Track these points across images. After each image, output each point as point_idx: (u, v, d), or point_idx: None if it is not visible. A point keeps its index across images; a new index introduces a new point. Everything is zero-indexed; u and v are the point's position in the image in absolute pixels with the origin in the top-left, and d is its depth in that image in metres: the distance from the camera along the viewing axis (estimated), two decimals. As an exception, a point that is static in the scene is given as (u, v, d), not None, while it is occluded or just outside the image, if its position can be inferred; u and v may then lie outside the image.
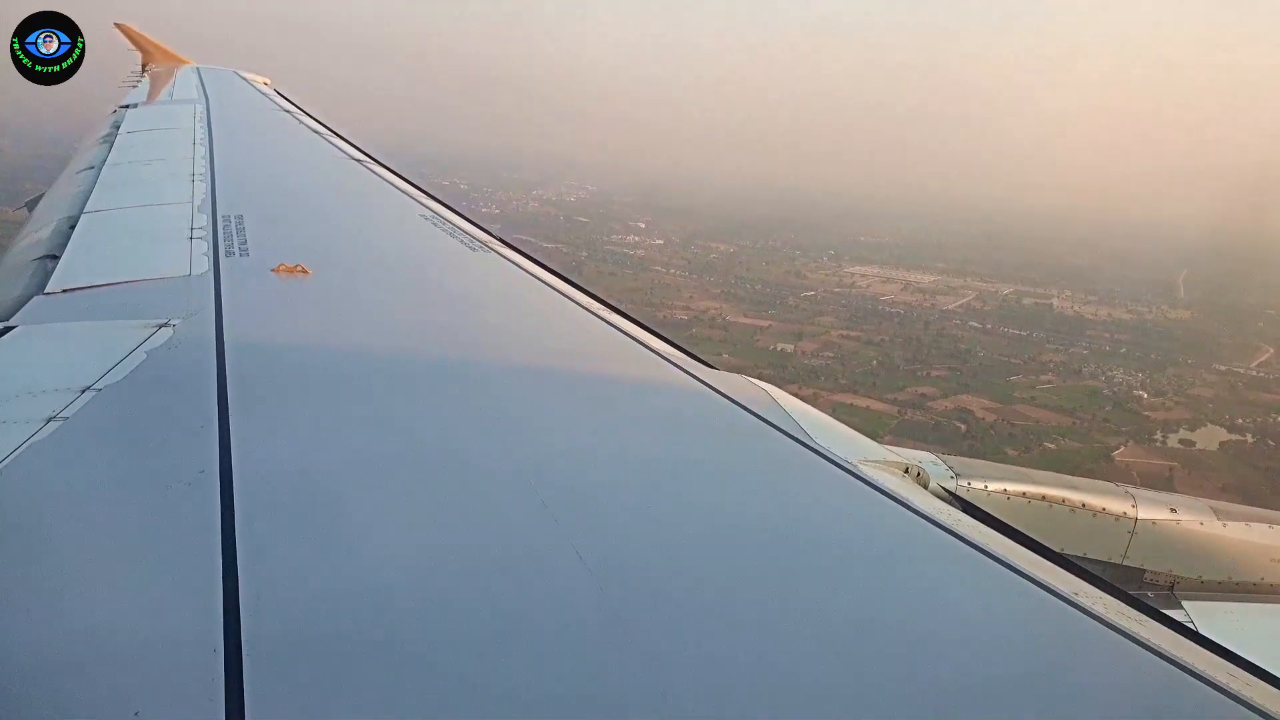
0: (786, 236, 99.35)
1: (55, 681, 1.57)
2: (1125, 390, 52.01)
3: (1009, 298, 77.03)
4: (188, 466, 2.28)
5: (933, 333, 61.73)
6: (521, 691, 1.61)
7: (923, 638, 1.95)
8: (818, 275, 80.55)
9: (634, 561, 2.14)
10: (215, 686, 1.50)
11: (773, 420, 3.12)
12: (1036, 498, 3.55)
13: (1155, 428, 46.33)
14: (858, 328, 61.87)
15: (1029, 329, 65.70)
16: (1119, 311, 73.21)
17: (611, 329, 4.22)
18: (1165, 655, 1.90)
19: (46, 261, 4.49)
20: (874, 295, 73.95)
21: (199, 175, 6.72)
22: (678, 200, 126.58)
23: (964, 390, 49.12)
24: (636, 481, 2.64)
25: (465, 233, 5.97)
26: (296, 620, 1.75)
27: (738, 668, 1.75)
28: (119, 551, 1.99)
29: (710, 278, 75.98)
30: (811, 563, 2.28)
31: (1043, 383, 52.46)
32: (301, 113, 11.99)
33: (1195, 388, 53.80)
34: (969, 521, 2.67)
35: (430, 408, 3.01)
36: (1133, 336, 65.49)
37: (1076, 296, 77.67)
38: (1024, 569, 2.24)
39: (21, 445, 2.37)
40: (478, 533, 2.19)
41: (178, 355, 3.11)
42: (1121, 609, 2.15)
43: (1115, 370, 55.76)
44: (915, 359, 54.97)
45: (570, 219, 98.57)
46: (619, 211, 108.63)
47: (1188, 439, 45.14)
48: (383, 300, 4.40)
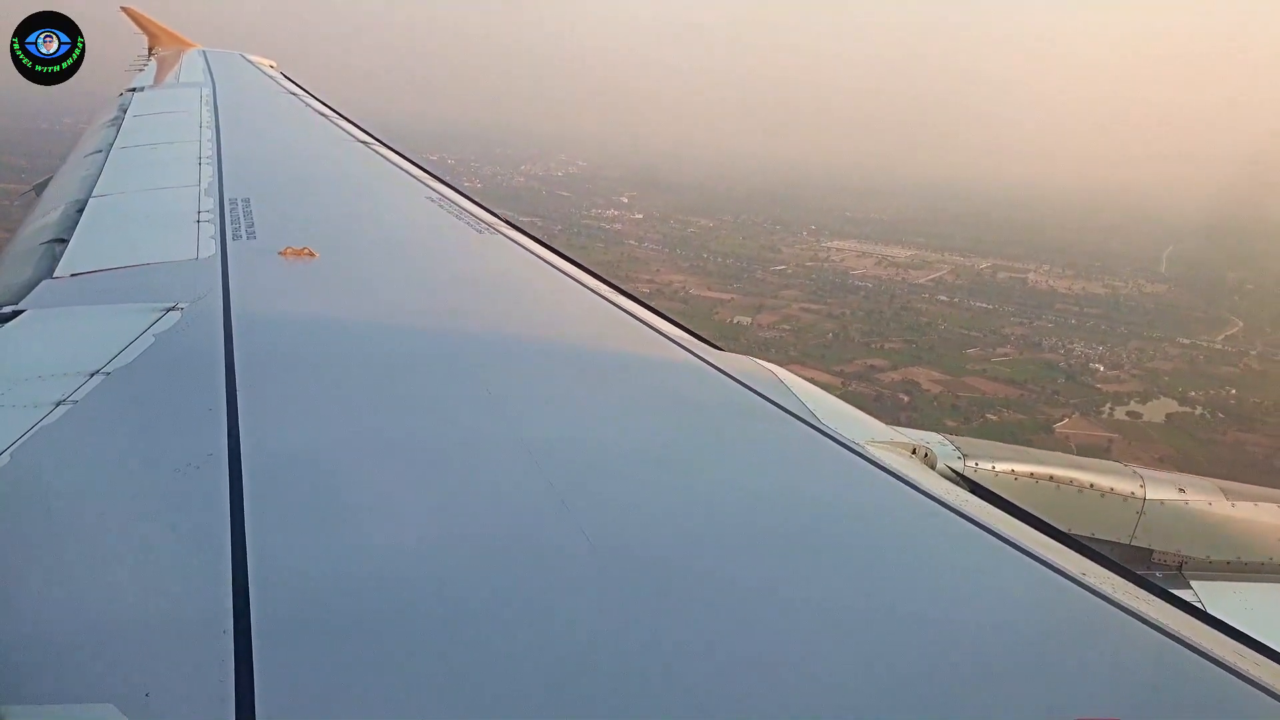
0: (772, 212, 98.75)
1: (66, 663, 1.58)
2: (1082, 363, 51.62)
3: (984, 272, 76.43)
4: (196, 449, 2.30)
5: (896, 306, 61.35)
6: (529, 674, 1.62)
7: (931, 618, 1.95)
8: (793, 250, 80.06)
9: (643, 545, 2.14)
10: (225, 667, 1.53)
11: (780, 402, 3.12)
12: (1044, 478, 3.56)
13: (1105, 400, 46.01)
14: (821, 301, 61.52)
15: (997, 302, 65.24)
16: (1095, 286, 72.56)
17: (619, 311, 4.22)
18: (1173, 635, 1.90)
19: (55, 245, 4.54)
20: (845, 270, 73.50)
21: (206, 159, 6.79)
22: (671, 176, 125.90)
23: (916, 362, 48.84)
24: (644, 464, 2.65)
25: (472, 215, 5.98)
26: (305, 602, 1.76)
27: (747, 649, 1.75)
28: (128, 534, 2.01)
29: (682, 251, 75.70)
30: (820, 544, 2.28)
31: (999, 355, 52.10)
32: (308, 95, 12.07)
33: (1154, 360, 53.36)
34: (977, 502, 2.69)
35: (437, 390, 3.02)
36: (1103, 310, 64.92)
37: (1054, 271, 76.99)
38: (1032, 549, 2.25)
39: (31, 429, 2.40)
40: (485, 515, 2.20)
41: (186, 338, 3.15)
42: (1129, 589, 2.15)
43: (1076, 343, 55.35)
44: (873, 332, 54.67)
45: (553, 193, 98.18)
46: (606, 187, 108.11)
47: (1135, 411, 44.84)
48: (389, 283, 4.43)
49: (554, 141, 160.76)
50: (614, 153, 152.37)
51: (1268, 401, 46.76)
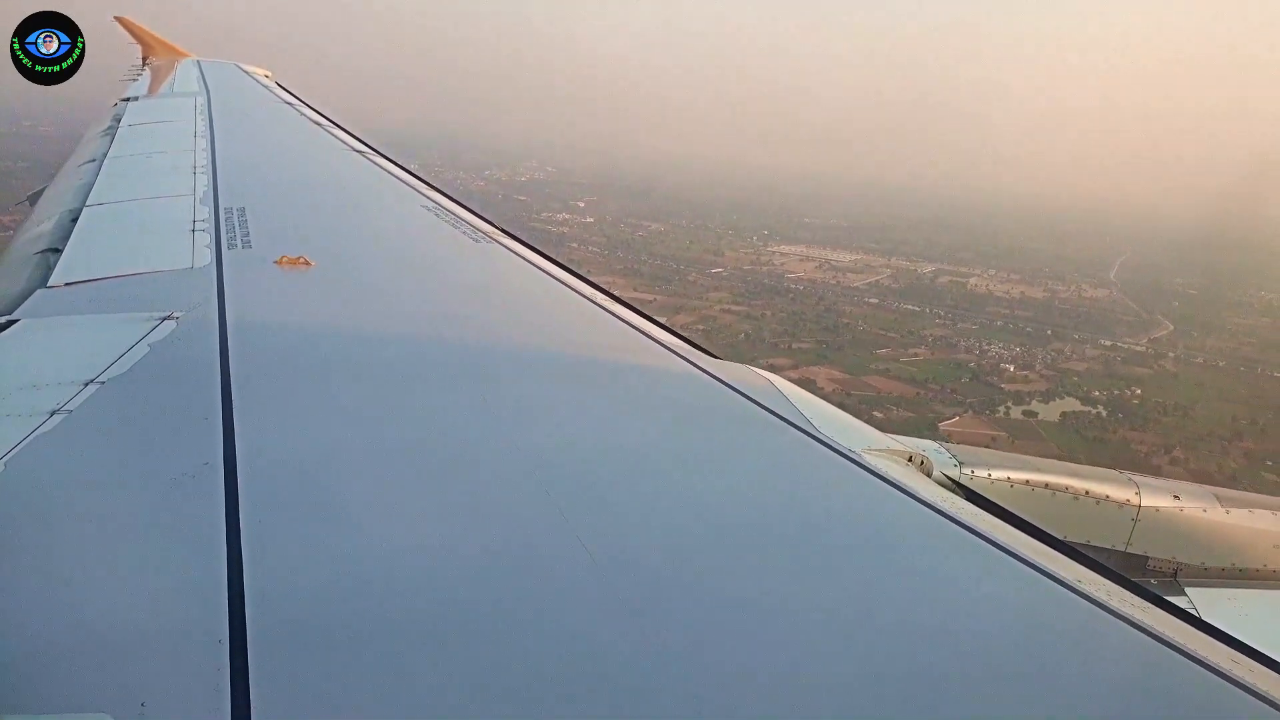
0: (728, 218, 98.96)
1: (62, 672, 1.57)
2: (993, 364, 51.50)
3: (924, 276, 76.44)
4: (192, 458, 2.29)
5: (821, 308, 61.29)
6: (525, 682, 1.62)
7: (927, 626, 1.96)
8: (737, 254, 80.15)
9: (639, 552, 2.14)
10: (220, 677, 1.52)
11: (776, 410, 3.12)
12: (1040, 485, 3.59)
13: (1005, 399, 45.88)
14: (746, 303, 61.49)
15: (927, 305, 65.14)
16: (1035, 290, 72.51)
17: (614, 319, 4.22)
18: (1168, 641, 1.91)
19: (49, 255, 4.51)
20: (783, 273, 73.49)
21: (200, 168, 6.75)
22: (642, 183, 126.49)
23: (820, 362, 48.72)
24: (641, 471, 2.65)
25: (467, 224, 5.98)
26: (301, 611, 1.75)
27: (744, 656, 1.75)
28: (124, 543, 2.00)
29: (623, 254, 75.79)
30: (817, 552, 2.28)
31: (909, 355, 52.00)
32: (303, 105, 12.06)
33: (1070, 361, 53.28)
34: (972, 509, 2.69)
35: (433, 398, 3.01)
36: (1035, 314, 64.85)
37: (999, 276, 77.01)
38: (1028, 556, 2.26)
39: (26, 438, 2.38)
40: (481, 523, 2.20)
41: (181, 347, 3.12)
42: (1124, 596, 2.16)
43: (994, 345, 55.22)
44: (786, 332, 54.64)
45: (510, 197, 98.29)
46: (568, 192, 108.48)
47: (1031, 410, 44.69)
48: (385, 291, 4.41)
49: (526, 148, 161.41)
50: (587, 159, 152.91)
51: (1169, 401, 46.62)
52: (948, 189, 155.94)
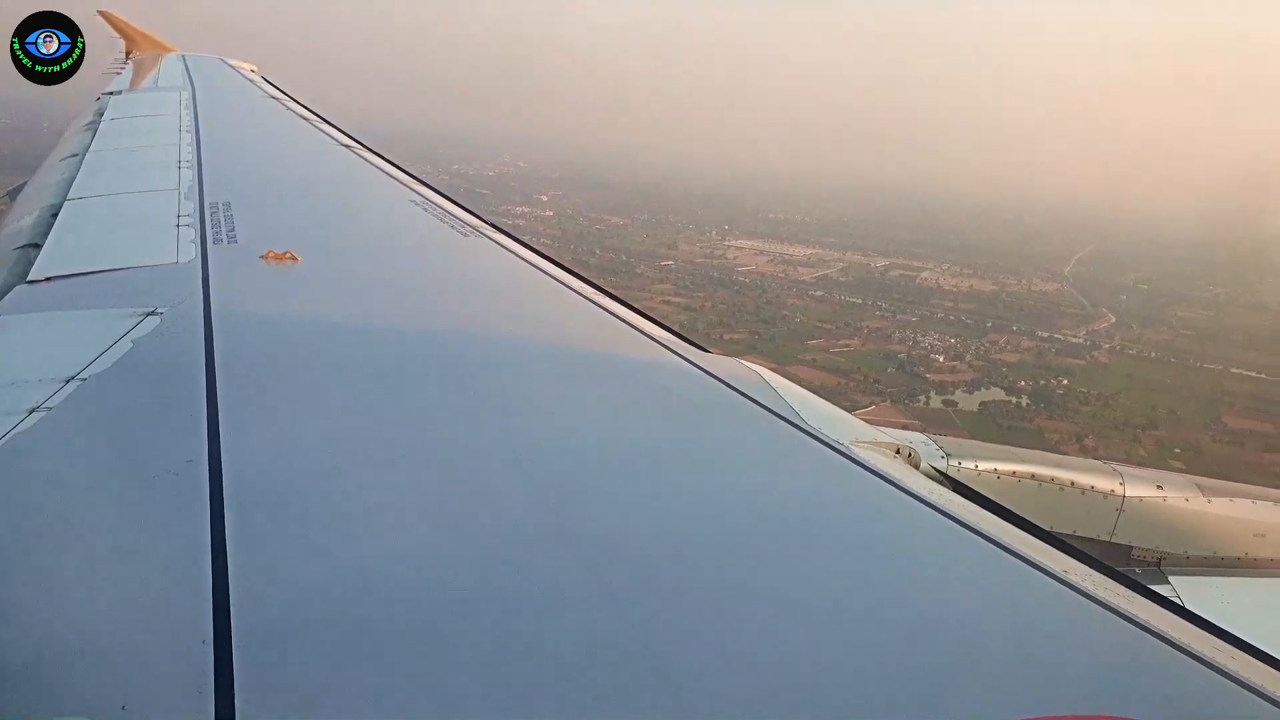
0: (689, 213, 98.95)
1: (41, 674, 1.55)
2: (923, 355, 51.67)
3: (876, 270, 76.58)
4: (176, 456, 2.26)
5: (763, 300, 61.42)
6: (516, 681, 1.60)
7: (915, 617, 1.97)
8: (691, 247, 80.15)
9: (628, 545, 2.12)
10: (205, 678, 1.49)
11: (764, 402, 3.12)
12: (1026, 476, 3.64)
13: (928, 389, 46.04)
14: (689, 294, 61.60)
15: (870, 298, 65.30)
16: (985, 284, 72.66)
17: (603, 313, 4.19)
18: (1152, 630, 1.94)
19: (29, 250, 4.40)
20: (733, 266, 73.58)
21: (185, 162, 6.65)
22: (617, 177, 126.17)
23: (750, 352, 48.52)
24: (629, 464, 2.64)
25: (455, 218, 5.94)
26: (286, 611, 1.73)
27: (731, 649, 1.75)
28: (106, 543, 1.97)
29: (575, 246, 75.62)
30: (805, 544, 2.28)
31: (840, 346, 52.17)
32: (289, 99, 11.89)
33: (1003, 353, 53.45)
34: (960, 501, 2.73)
35: (421, 394, 2.99)
36: (979, 307, 65.03)
37: (951, 270, 77.13)
38: (1014, 547, 2.28)
39: (4, 436, 2.34)
40: (469, 520, 2.17)
41: (165, 343, 3.08)
42: (1109, 585, 2.19)
43: (928, 336, 55.39)
44: (722, 323, 54.71)
45: (472, 191, 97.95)
46: (535, 186, 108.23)
47: (951, 400, 44.86)
48: (373, 286, 4.35)
49: (501, 143, 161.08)
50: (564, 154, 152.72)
51: (1092, 392, 46.82)
52: (927, 188, 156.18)
